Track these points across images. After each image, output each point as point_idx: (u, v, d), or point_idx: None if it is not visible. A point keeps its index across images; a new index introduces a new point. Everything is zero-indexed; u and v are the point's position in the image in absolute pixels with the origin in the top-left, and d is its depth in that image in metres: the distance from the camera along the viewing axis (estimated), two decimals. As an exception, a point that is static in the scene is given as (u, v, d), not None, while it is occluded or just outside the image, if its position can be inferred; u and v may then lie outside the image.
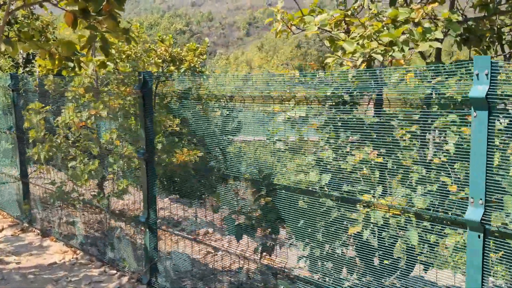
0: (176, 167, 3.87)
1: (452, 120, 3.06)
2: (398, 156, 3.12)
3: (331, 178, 3.45)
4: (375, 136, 3.26)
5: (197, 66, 11.89)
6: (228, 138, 3.69)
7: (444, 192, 2.51)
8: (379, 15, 4.08)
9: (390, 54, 3.68)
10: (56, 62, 4.53)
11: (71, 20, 3.96)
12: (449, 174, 2.69)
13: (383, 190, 3.02)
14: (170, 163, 3.90)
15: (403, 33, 3.69)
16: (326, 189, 3.47)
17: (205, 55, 12.21)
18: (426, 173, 2.88)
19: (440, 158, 2.81)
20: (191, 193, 3.97)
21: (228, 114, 3.63)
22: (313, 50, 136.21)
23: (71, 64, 4.55)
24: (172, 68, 10.49)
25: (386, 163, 3.03)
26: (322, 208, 3.45)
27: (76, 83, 5.76)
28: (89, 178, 5.50)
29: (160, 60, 9.27)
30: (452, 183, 2.67)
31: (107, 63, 6.03)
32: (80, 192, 5.36)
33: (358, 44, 3.94)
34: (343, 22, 4.65)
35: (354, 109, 3.19)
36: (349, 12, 4.48)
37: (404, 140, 3.07)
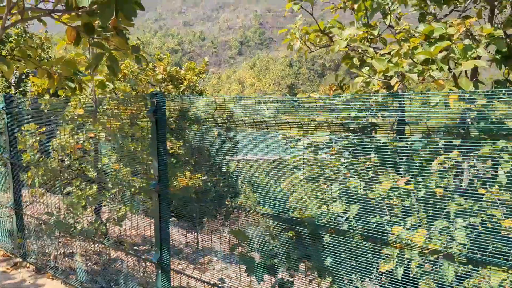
0: (192, 202, 3.45)
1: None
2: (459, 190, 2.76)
3: (360, 209, 3.09)
4: (423, 165, 2.91)
5: (196, 85, 11.62)
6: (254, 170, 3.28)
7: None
8: (411, 31, 3.76)
9: (427, 74, 3.34)
10: (55, 83, 4.16)
11: (74, 37, 3.59)
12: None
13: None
14: (185, 197, 3.47)
15: (440, 51, 3.37)
16: (354, 222, 3.11)
17: (204, 74, 11.97)
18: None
19: None
20: (210, 231, 3.56)
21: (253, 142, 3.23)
22: (305, 69, 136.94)
23: (72, 85, 4.18)
24: (170, 87, 10.22)
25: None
26: (350, 243, 3.08)
27: (73, 104, 5.40)
28: (88, 204, 5.13)
29: (160, 77, 8.92)
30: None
31: (107, 83, 5.69)
32: (79, 221, 4.93)
33: (390, 62, 3.61)
34: (366, 40, 4.33)
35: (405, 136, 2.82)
36: (375, 32, 4.15)
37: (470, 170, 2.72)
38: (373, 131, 3.17)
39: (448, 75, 3.51)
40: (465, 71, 3.60)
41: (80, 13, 3.47)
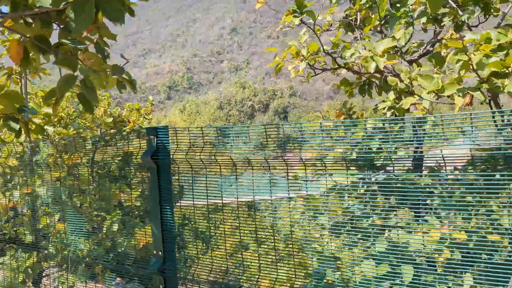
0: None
1: None
2: None
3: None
4: None
5: (142, 126, 10.69)
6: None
7: None
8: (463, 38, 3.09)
9: (507, 90, 2.63)
10: (-7, 124, 3.07)
11: (20, 55, 2.53)
12: None
13: None
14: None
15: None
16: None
17: (150, 115, 11.06)
18: None
19: None
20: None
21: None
22: (235, 111, 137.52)
23: (15, 126, 3.08)
24: (112, 130, 9.14)
25: None
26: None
27: (4, 154, 4.35)
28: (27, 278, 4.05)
29: (110, 120, 7.76)
30: None
31: (45, 127, 4.60)
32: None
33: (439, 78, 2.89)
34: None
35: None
36: (401, 42, 3.47)
37: None
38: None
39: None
40: None
41: (31, 20, 2.45)
